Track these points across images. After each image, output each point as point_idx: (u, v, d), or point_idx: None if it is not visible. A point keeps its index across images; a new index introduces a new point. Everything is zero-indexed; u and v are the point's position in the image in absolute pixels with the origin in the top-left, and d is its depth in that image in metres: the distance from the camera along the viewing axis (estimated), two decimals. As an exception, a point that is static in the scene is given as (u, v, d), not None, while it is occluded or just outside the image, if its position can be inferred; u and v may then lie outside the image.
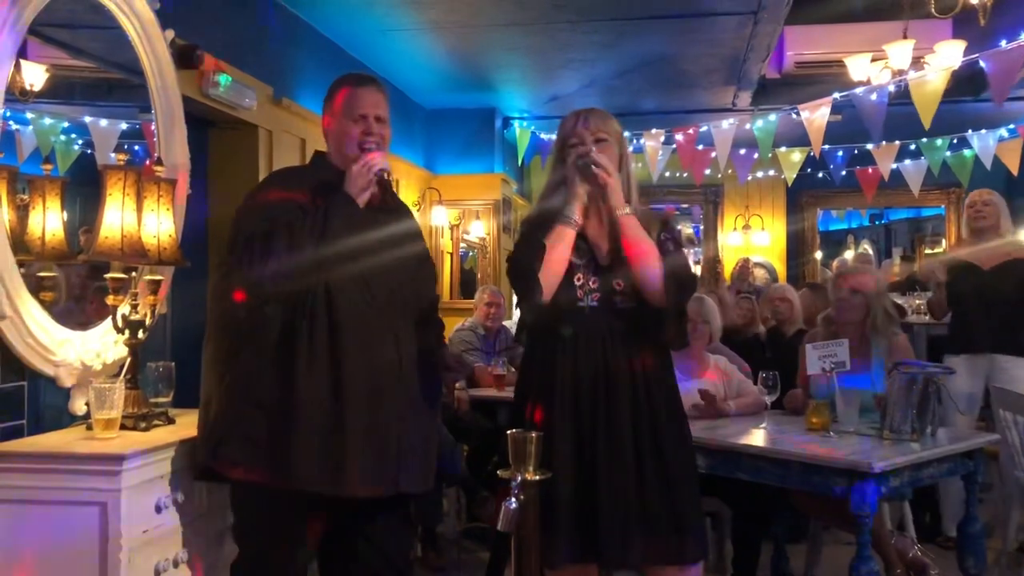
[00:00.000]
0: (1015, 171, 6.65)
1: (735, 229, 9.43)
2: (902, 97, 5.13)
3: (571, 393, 2.24)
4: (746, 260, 8.66)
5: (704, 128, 6.48)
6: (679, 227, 2.34)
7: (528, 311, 2.30)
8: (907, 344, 3.51)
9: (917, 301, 6.47)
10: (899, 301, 5.72)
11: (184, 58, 3.38)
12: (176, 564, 2.34)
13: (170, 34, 3.18)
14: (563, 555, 2.18)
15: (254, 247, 2.16)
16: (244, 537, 2.33)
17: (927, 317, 5.49)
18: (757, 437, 3.05)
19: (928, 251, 10.20)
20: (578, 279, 2.28)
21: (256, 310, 2.18)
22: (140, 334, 2.57)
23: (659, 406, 2.26)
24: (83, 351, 2.67)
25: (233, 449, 2.16)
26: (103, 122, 3.02)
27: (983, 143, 6.76)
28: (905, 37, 4.85)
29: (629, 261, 2.25)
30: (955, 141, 6.97)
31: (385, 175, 2.30)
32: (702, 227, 10.05)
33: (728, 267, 9.27)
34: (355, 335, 2.20)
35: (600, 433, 2.21)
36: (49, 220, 2.49)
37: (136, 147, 3.14)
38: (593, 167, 2.23)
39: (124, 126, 3.11)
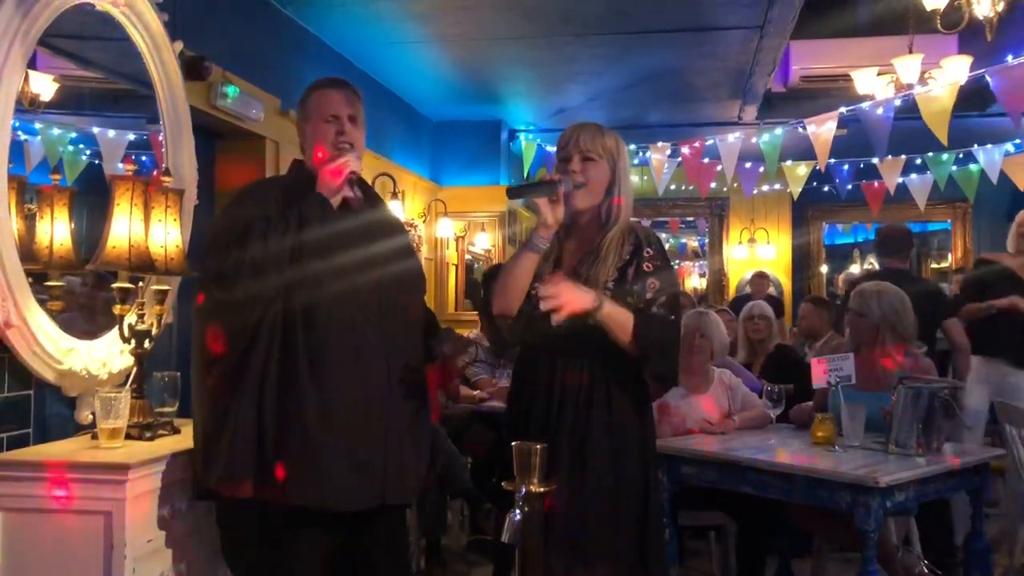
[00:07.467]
0: (1021, 186, 6.64)
1: (740, 242, 9.43)
2: (908, 111, 5.13)
3: (530, 403, 2.27)
4: (762, 273, 8.56)
5: (710, 141, 6.49)
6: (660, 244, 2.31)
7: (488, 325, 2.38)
8: (928, 365, 3.42)
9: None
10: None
11: (192, 69, 3.40)
12: (180, 575, 2.33)
13: (178, 45, 3.20)
14: None
15: (225, 242, 2.13)
16: (234, 557, 2.31)
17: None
18: (762, 451, 3.04)
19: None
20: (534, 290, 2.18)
21: (228, 318, 2.16)
22: (146, 344, 2.57)
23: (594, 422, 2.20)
24: (89, 360, 2.67)
25: (225, 469, 2.13)
26: (111, 132, 3.04)
27: (989, 158, 6.75)
28: (911, 52, 4.86)
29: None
30: (961, 156, 6.96)
31: (355, 176, 2.29)
32: (707, 240, 10.04)
33: (733, 280, 9.27)
34: (340, 349, 2.16)
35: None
36: (57, 230, 2.51)
37: (144, 157, 3.15)
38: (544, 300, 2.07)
39: (132, 137, 3.12)
